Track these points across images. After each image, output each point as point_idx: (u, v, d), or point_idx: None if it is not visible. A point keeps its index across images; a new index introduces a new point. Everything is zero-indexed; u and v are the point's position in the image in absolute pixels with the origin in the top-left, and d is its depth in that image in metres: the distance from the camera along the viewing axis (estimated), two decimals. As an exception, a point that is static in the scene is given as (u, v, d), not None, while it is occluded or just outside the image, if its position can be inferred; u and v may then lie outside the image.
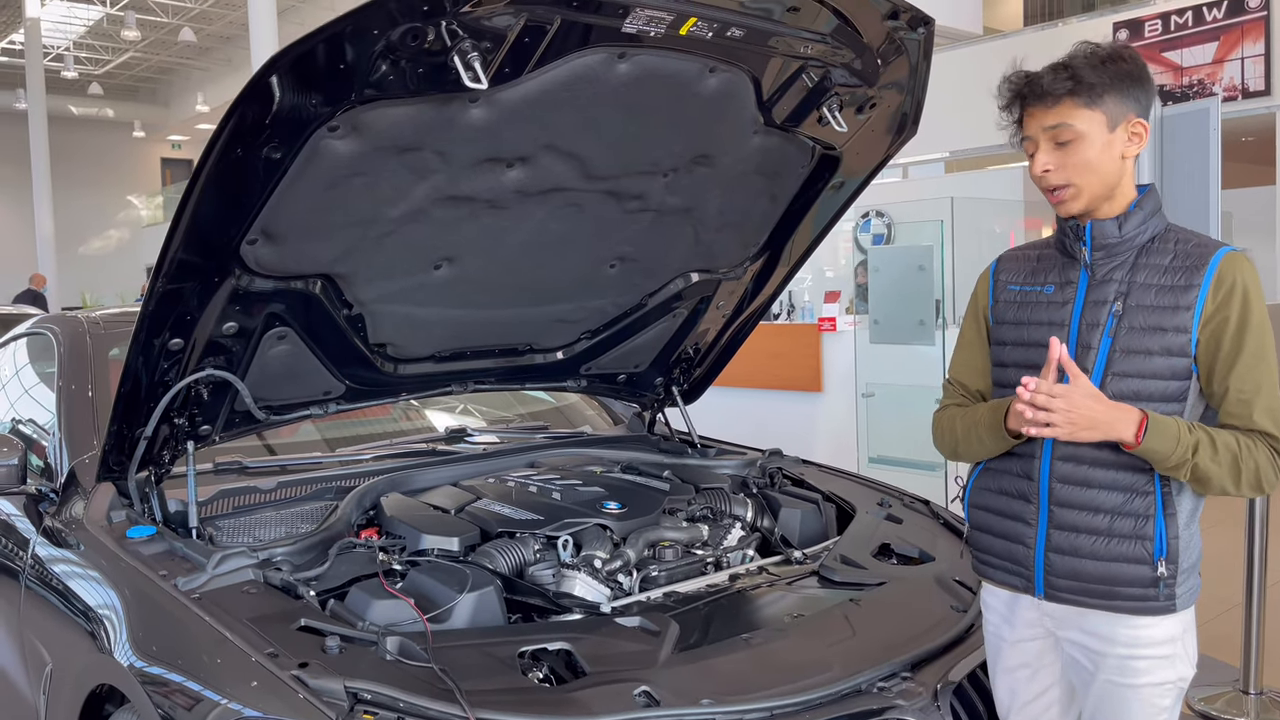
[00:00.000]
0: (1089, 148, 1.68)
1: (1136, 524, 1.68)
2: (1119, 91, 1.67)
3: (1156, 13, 11.43)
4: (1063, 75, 1.68)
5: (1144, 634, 1.69)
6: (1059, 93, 1.68)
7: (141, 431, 2.16)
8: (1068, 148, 1.69)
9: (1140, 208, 1.72)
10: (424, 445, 2.87)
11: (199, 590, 1.85)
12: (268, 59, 1.63)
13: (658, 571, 2.16)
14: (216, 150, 1.71)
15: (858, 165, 2.58)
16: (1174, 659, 1.70)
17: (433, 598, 1.89)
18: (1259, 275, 1.69)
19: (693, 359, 3.09)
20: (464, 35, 1.70)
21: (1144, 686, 1.69)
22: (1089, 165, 1.68)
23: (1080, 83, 1.66)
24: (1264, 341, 1.65)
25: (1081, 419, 1.60)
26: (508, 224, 2.24)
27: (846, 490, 2.74)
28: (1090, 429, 1.61)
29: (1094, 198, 1.71)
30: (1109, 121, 1.68)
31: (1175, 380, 1.67)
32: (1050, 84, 1.68)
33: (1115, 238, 1.72)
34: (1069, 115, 1.68)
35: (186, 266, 1.91)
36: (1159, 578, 1.67)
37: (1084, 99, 1.67)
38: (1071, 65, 1.69)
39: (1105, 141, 1.68)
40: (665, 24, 1.88)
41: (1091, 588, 1.70)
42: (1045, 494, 1.74)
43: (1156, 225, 1.73)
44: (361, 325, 2.34)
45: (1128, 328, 1.69)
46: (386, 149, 1.88)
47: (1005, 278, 1.87)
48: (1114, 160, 1.69)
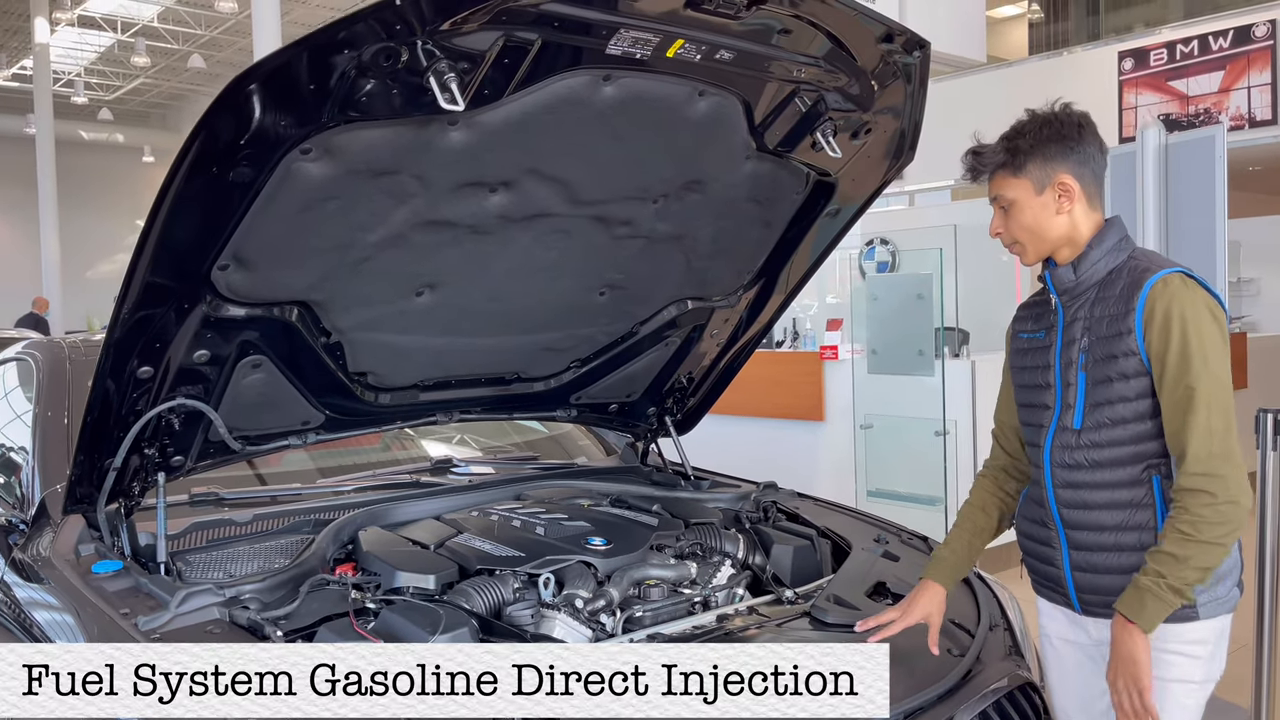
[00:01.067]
0: (1023, 212, 1.88)
1: (1140, 536, 1.80)
2: (1041, 157, 1.85)
3: (1162, 41, 11.41)
4: (998, 149, 1.89)
5: (1174, 629, 1.78)
6: (990, 167, 1.90)
7: (110, 462, 2.09)
8: (1009, 212, 1.90)
9: (1093, 247, 1.87)
10: (408, 477, 2.80)
11: (160, 630, 1.77)
12: (234, 77, 1.57)
13: (642, 611, 2.08)
14: (183, 171, 1.64)
15: (854, 191, 2.51)
16: (1203, 660, 1.81)
17: (404, 638, 1.80)
18: (1197, 295, 1.76)
19: (686, 388, 3.02)
20: (440, 56, 1.64)
21: (1173, 682, 1.79)
22: (1026, 226, 1.88)
23: (1007, 153, 1.87)
24: (1198, 371, 1.71)
25: (1134, 674, 1.73)
26: (492, 250, 2.18)
27: (843, 526, 2.66)
28: (1140, 669, 1.73)
29: (1040, 251, 1.90)
30: (1035, 186, 1.86)
31: (1143, 399, 1.79)
32: (982, 161, 1.90)
33: (1071, 281, 1.89)
34: (1001, 186, 1.90)
35: (155, 292, 1.84)
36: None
37: (1010, 170, 1.88)
38: (1007, 138, 1.89)
39: (1038, 204, 1.86)
40: (652, 46, 1.83)
41: (1113, 600, 1.80)
42: (1058, 519, 1.91)
43: (1114, 259, 1.87)
44: (340, 353, 2.27)
45: (1094, 360, 1.83)
46: (362, 172, 1.82)
47: (1018, 326, 2.06)
48: (1050, 218, 1.87)
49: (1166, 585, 1.70)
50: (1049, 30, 14.25)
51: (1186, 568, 1.70)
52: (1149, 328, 1.75)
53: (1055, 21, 14.26)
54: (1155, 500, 1.79)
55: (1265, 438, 3.30)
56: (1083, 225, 1.87)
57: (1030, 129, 1.87)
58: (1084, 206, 1.87)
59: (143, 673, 1.56)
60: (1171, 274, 1.78)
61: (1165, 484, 1.78)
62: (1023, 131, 1.87)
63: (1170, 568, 1.70)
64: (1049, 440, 1.90)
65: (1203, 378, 1.71)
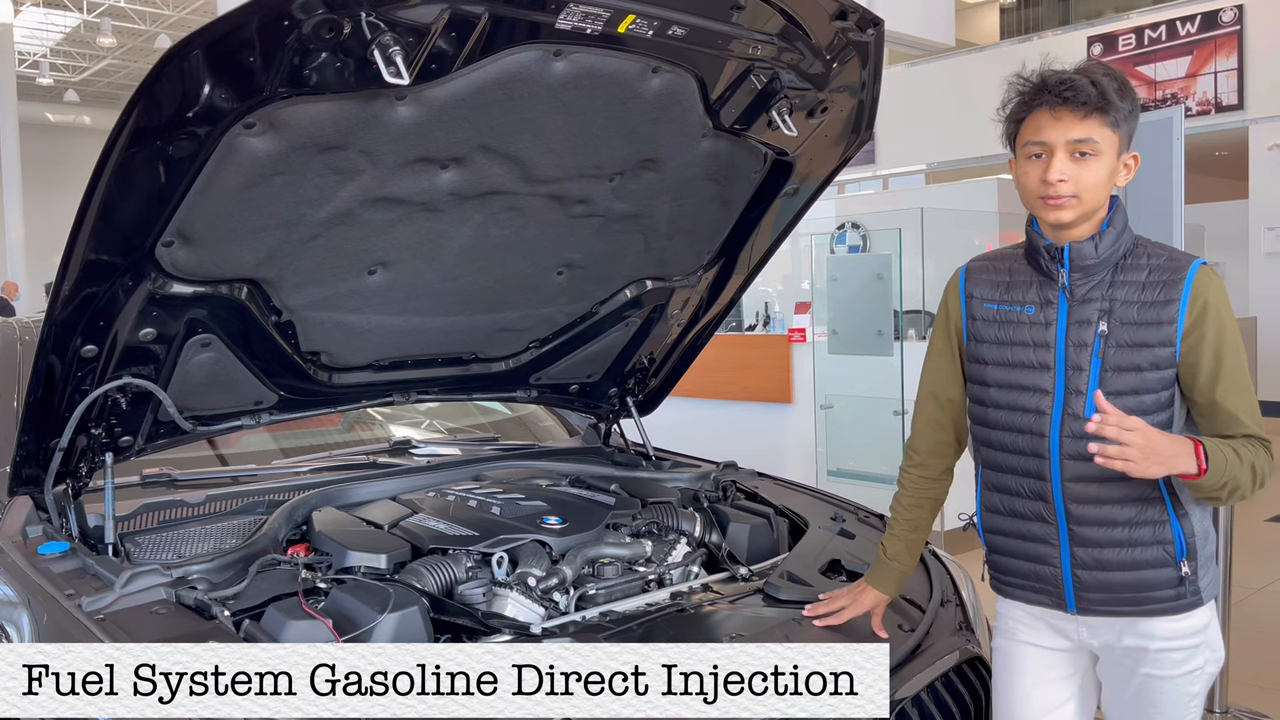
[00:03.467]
0: (1102, 167, 1.70)
1: (1155, 530, 1.74)
2: (1131, 122, 1.73)
3: (1130, 27, 11.50)
4: (1095, 91, 1.68)
5: (1180, 626, 1.76)
6: (1093, 107, 1.68)
7: (56, 442, 2.06)
8: (1085, 161, 1.70)
9: (1112, 225, 1.75)
10: (366, 458, 2.78)
11: (104, 611, 1.75)
12: (170, 46, 1.54)
13: (596, 589, 2.08)
14: (121, 142, 1.61)
15: (812, 170, 2.51)
16: (1204, 646, 1.78)
17: (353, 618, 1.79)
18: (1224, 285, 1.75)
19: (648, 369, 3.01)
20: (384, 28, 1.61)
21: (1180, 676, 1.76)
22: (1096, 184, 1.71)
23: (1110, 102, 1.68)
24: (1240, 355, 1.72)
25: (1155, 454, 1.60)
26: (445, 228, 2.16)
27: (801, 505, 2.66)
28: (1161, 463, 1.61)
29: (1085, 214, 1.73)
30: (1119, 147, 1.72)
31: (1164, 391, 1.73)
32: (1088, 95, 1.67)
33: (1093, 258, 1.74)
34: (1097, 131, 1.69)
35: (96, 268, 1.81)
36: (1184, 576, 1.74)
37: (1110, 119, 1.69)
38: (1099, 84, 1.69)
39: (1112, 166, 1.72)
40: (602, 21, 1.81)
41: (1122, 596, 1.76)
42: (1063, 515, 1.78)
43: (1127, 240, 1.77)
44: (292, 333, 2.24)
45: (1115, 345, 1.72)
46: (308, 148, 1.80)
47: (980, 293, 1.87)
48: (1109, 185, 1.73)
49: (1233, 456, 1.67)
50: (1020, 15, 14.30)
51: (1238, 474, 1.67)
52: (1194, 320, 1.69)
53: (1026, 7, 14.31)
54: (1164, 494, 1.73)
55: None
56: (1107, 203, 1.76)
57: (1121, 88, 1.70)
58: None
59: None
60: (1206, 265, 1.73)
61: (1172, 478, 1.71)
62: (1125, 91, 1.71)
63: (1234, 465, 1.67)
64: (1055, 429, 1.75)
65: (1247, 370, 1.73)
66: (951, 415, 1.96)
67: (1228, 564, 3.42)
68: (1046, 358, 1.76)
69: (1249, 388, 1.73)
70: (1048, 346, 1.76)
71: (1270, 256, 10.62)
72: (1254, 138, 10.69)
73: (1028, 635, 1.87)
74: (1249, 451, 1.70)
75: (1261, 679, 3.83)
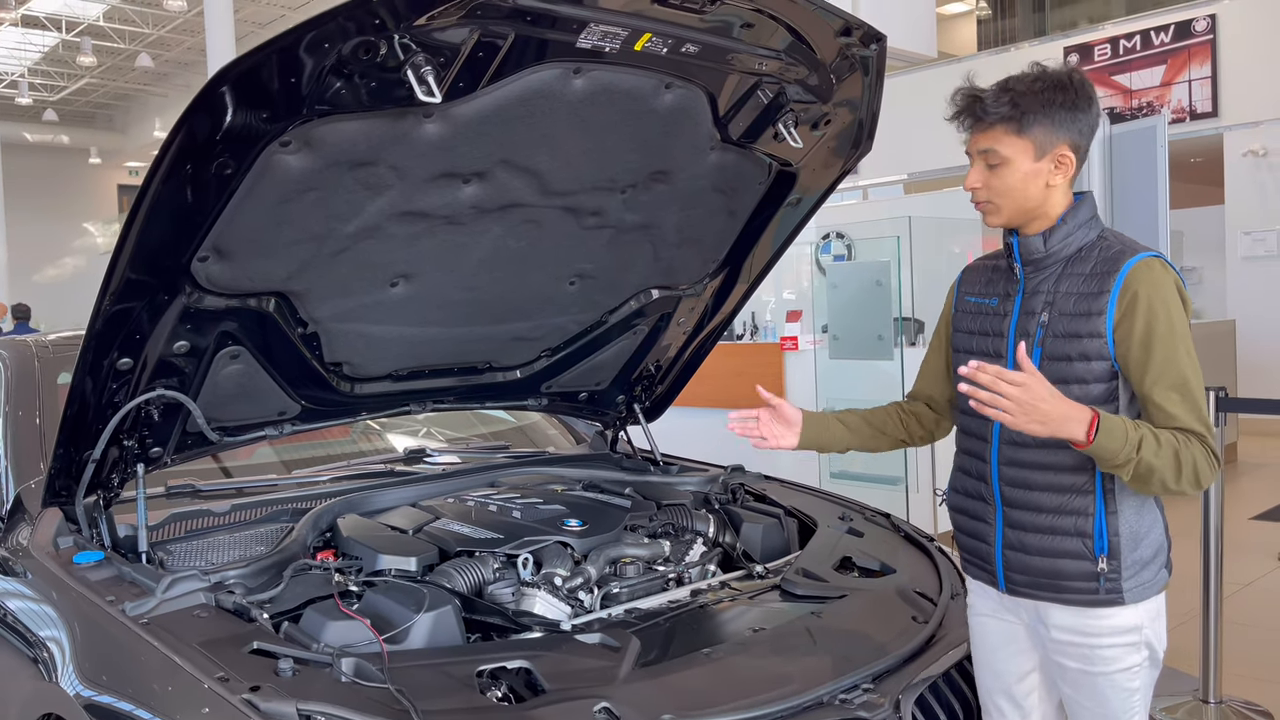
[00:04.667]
0: (1013, 174, 1.77)
1: (1076, 522, 1.76)
2: (1050, 121, 1.74)
3: (1105, 37, 11.70)
4: (1002, 100, 1.75)
5: (1104, 623, 1.77)
6: (992, 119, 1.76)
7: (89, 454, 2.11)
8: (995, 170, 1.78)
9: (1066, 221, 1.79)
10: (382, 466, 2.83)
11: (147, 615, 1.80)
12: (216, 71, 1.61)
13: (619, 588, 2.14)
14: (164, 166, 1.68)
15: (814, 181, 2.59)
16: (1139, 645, 1.77)
17: (389, 618, 1.85)
18: (1172, 280, 1.73)
19: (654, 376, 3.08)
20: (417, 49, 1.69)
21: (1114, 673, 1.77)
22: (1011, 189, 1.78)
23: (1015, 108, 1.74)
24: (1174, 349, 1.70)
25: (1036, 410, 1.62)
26: (465, 240, 2.22)
27: (808, 505, 2.74)
28: (1042, 423, 1.63)
29: (1013, 216, 1.80)
30: (1036, 151, 1.75)
31: (1099, 383, 1.74)
32: (987, 108, 1.76)
33: (1040, 252, 1.80)
34: (998, 141, 1.77)
35: (135, 285, 1.87)
36: (1100, 572, 1.75)
37: (1014, 126, 1.75)
38: (1012, 90, 1.75)
39: (1030, 170, 1.76)
40: (620, 40, 1.89)
41: (1041, 581, 1.80)
42: (998, 495, 1.85)
43: (1085, 236, 1.80)
44: (317, 344, 2.31)
45: (1053, 335, 1.76)
46: (340, 164, 1.86)
47: (966, 289, 1.97)
48: (1038, 187, 1.77)
49: (1138, 441, 1.64)
50: (997, 26, 14.52)
51: (1153, 458, 1.64)
52: (1124, 311, 1.70)
53: (1002, 18, 14.53)
54: (1096, 489, 1.75)
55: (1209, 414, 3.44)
56: (1060, 198, 1.79)
57: (1043, 90, 1.73)
58: (1066, 183, 1.79)
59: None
60: (1153, 258, 1.72)
61: (1107, 476, 1.74)
62: (1034, 90, 1.73)
63: (1149, 448, 1.65)
64: (998, 424, 1.80)
65: (1187, 363, 1.69)
66: (923, 405, 2.09)
67: (1219, 555, 3.51)
68: (1000, 346, 1.84)
69: (1185, 383, 1.70)
70: (1001, 335, 1.84)
71: (1247, 260, 10.80)
72: (1229, 144, 10.89)
73: (985, 609, 1.94)
74: (1178, 443, 1.67)
75: (1255, 670, 3.93)
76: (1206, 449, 1.70)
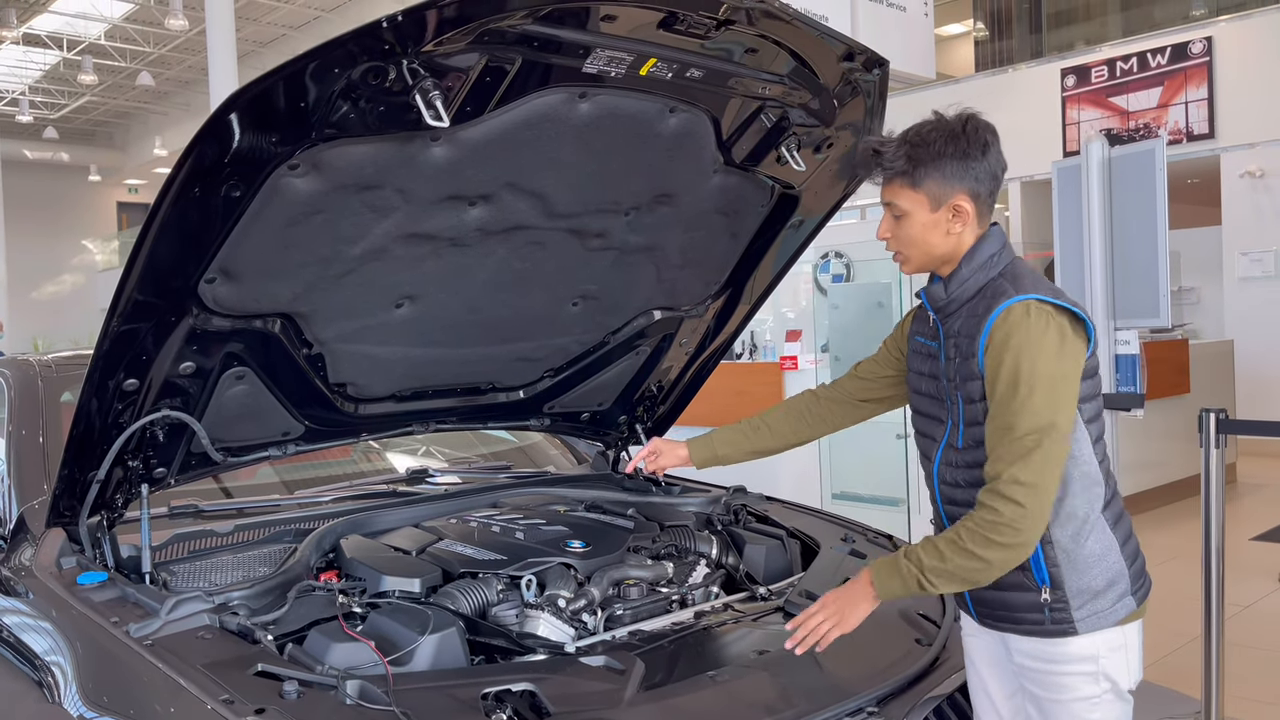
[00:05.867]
0: (913, 225, 1.82)
1: None
2: (941, 173, 1.78)
3: (1103, 59, 11.78)
4: (898, 154, 1.80)
5: (1058, 650, 1.77)
6: (888, 174, 1.82)
7: (94, 475, 2.11)
8: (899, 221, 1.84)
9: (962, 266, 1.82)
10: (385, 486, 2.84)
11: (151, 637, 1.80)
12: (227, 97, 1.62)
13: (623, 610, 2.14)
14: (174, 188, 1.69)
15: (816, 204, 2.61)
16: (1096, 676, 1.77)
17: (394, 640, 1.85)
18: (1045, 323, 1.70)
19: (656, 397, 3.09)
20: (425, 74, 1.70)
21: (1070, 701, 1.77)
22: (914, 240, 1.83)
23: (908, 162, 1.79)
24: (1017, 398, 1.67)
25: (841, 614, 1.79)
26: (470, 262, 2.24)
27: (810, 526, 2.74)
28: (854, 613, 1.79)
29: (922, 264, 1.86)
30: (931, 202, 1.80)
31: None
32: (883, 162, 1.82)
33: (942, 299, 1.84)
34: (896, 195, 1.83)
35: (143, 306, 1.88)
36: (1044, 603, 1.76)
37: (908, 180, 1.80)
38: (908, 143, 1.80)
39: (928, 220, 1.81)
40: (626, 65, 1.91)
41: (998, 612, 1.84)
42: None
43: (984, 276, 1.80)
44: (321, 365, 2.31)
45: (959, 378, 1.80)
46: (347, 187, 1.88)
47: (915, 328, 1.99)
48: (939, 235, 1.81)
49: (917, 573, 1.72)
50: (994, 48, 14.61)
51: (942, 568, 1.71)
52: (988, 353, 1.72)
53: (1000, 39, 14.63)
54: None
55: (1207, 436, 3.45)
56: (968, 243, 1.82)
57: (935, 140, 1.77)
58: (973, 227, 1.81)
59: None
60: (1018, 303, 1.71)
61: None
62: (927, 141, 1.78)
63: (932, 559, 1.71)
64: (938, 456, 1.86)
65: (1023, 413, 1.67)
66: (854, 389, 2.16)
67: (1220, 578, 3.51)
68: (939, 389, 1.86)
69: (1011, 427, 1.68)
70: (937, 378, 1.87)
71: (1244, 281, 10.84)
72: (1225, 165, 10.95)
73: (971, 629, 1.97)
74: (960, 534, 1.69)
75: (1257, 692, 3.92)
76: (1013, 504, 1.66)
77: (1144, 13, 13.11)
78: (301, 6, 17.98)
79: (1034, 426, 1.66)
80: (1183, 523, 6.91)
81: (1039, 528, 1.68)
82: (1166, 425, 7.40)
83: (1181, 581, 5.50)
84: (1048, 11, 14.12)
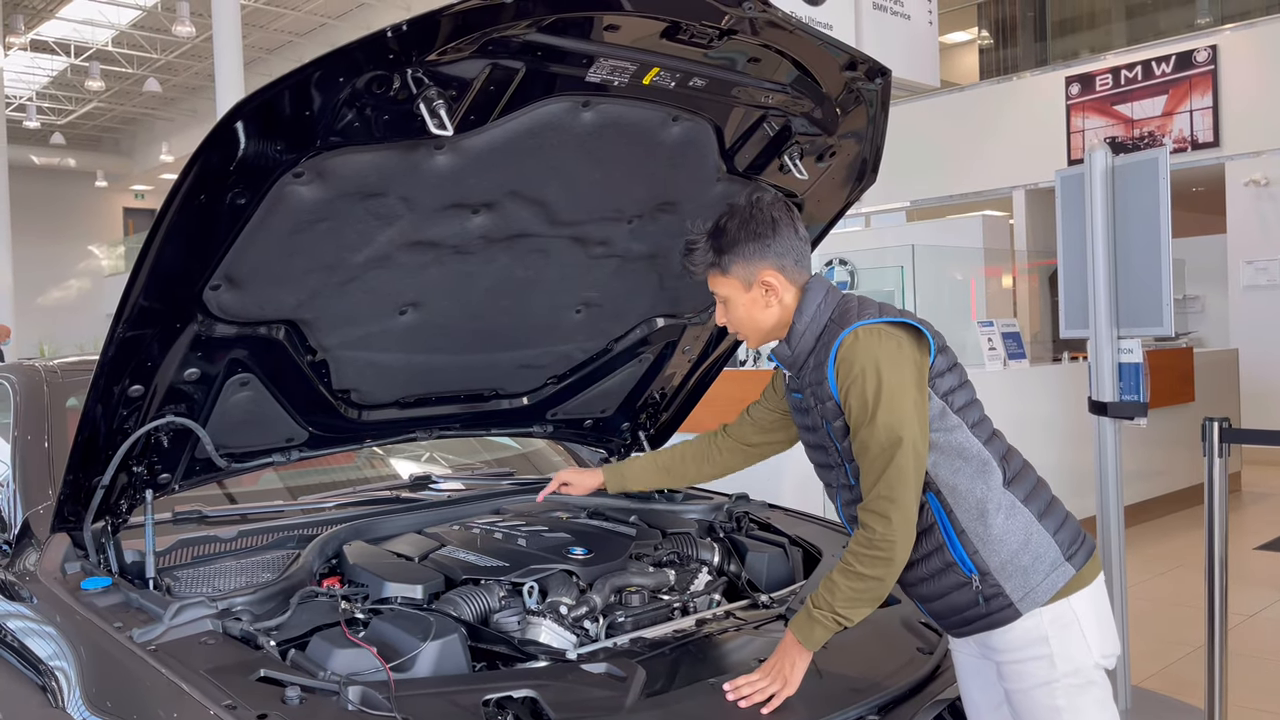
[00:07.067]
0: (736, 308, 1.94)
1: (941, 555, 1.83)
2: (742, 256, 1.89)
3: (1107, 67, 11.79)
4: (707, 249, 1.92)
5: (1010, 638, 1.81)
6: (700, 269, 1.94)
7: (99, 480, 2.12)
8: (725, 307, 1.96)
9: (795, 323, 1.90)
10: (387, 493, 2.84)
11: (155, 642, 1.81)
12: (232, 105, 1.64)
13: (624, 617, 2.15)
14: (179, 196, 1.70)
15: (819, 212, 2.62)
16: (1052, 658, 1.79)
17: (396, 646, 1.86)
18: (877, 343, 1.78)
19: (659, 404, 3.10)
20: (430, 83, 1.71)
21: (1032, 689, 1.81)
22: (742, 320, 1.94)
23: (714, 254, 1.91)
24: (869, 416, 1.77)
25: (781, 676, 1.80)
26: (473, 269, 2.25)
27: (813, 534, 2.74)
28: (793, 671, 1.80)
29: (761, 338, 1.95)
30: (743, 285, 1.91)
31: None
32: (694, 261, 1.95)
33: (789, 356, 1.94)
34: (715, 284, 1.94)
35: (148, 312, 1.89)
36: (978, 591, 1.80)
37: (718, 269, 1.92)
38: (713, 236, 1.92)
39: (746, 300, 1.92)
40: (629, 74, 1.92)
41: (952, 620, 1.87)
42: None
43: (817, 326, 1.89)
44: (325, 371, 2.32)
45: (829, 422, 1.87)
46: (352, 195, 1.89)
47: (789, 384, 2.04)
48: (760, 310, 1.92)
49: (830, 614, 1.79)
50: (998, 56, 14.61)
51: (848, 598, 1.78)
52: (839, 389, 1.81)
53: (1004, 47, 14.63)
54: (938, 517, 1.81)
55: (1211, 445, 3.45)
56: (792, 305, 1.91)
57: (731, 228, 1.89)
58: (791, 292, 1.90)
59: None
60: (848, 333, 1.81)
61: (943, 496, 1.81)
62: (724, 230, 1.90)
63: (837, 597, 1.79)
64: (839, 497, 1.97)
65: (874, 431, 1.75)
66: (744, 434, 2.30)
67: (1223, 588, 3.51)
68: (823, 439, 1.93)
69: (866, 447, 1.77)
70: (814, 429, 1.94)
71: (1249, 289, 10.83)
72: (1230, 174, 10.94)
73: (953, 643, 1.99)
74: (847, 560, 1.79)
75: (1261, 701, 3.91)
76: (884, 524, 1.75)
77: (1149, 21, 13.11)
78: (307, 13, 18.04)
79: (885, 443, 1.75)
80: (1187, 532, 6.90)
81: (907, 539, 1.77)
82: (1171, 434, 7.39)
83: (1185, 590, 5.49)
84: (1052, 20, 14.12)
